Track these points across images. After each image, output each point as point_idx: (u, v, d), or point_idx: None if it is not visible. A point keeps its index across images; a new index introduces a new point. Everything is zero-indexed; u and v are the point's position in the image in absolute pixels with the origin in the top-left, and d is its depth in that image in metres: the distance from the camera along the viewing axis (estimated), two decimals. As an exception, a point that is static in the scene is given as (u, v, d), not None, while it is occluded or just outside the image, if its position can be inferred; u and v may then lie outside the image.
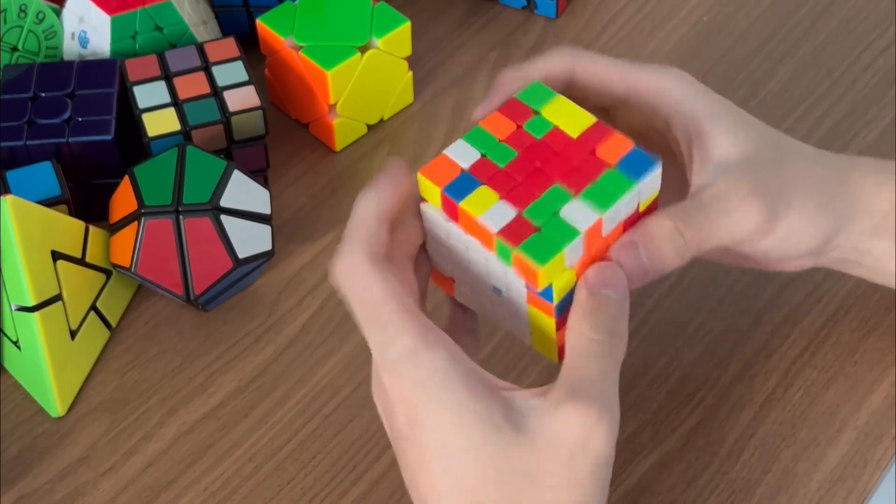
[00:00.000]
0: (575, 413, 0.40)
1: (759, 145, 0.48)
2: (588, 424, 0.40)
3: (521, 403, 0.41)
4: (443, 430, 0.41)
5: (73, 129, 0.60)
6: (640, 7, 0.76)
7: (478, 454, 0.40)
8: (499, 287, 0.45)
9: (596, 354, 0.42)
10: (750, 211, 0.47)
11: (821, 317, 0.58)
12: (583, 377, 0.41)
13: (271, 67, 0.68)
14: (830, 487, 0.52)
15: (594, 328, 0.42)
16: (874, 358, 0.56)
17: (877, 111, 0.68)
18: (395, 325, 0.42)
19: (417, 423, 0.41)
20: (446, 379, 0.41)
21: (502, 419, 0.40)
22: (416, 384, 0.41)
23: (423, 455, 0.42)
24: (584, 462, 0.40)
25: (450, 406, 0.41)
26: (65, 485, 0.53)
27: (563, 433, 0.40)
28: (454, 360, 0.41)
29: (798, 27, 0.74)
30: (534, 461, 0.40)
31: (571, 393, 0.41)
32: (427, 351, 0.41)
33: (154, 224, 0.57)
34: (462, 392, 0.41)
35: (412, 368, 0.41)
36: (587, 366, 0.42)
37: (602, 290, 0.43)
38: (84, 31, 0.66)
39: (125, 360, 0.58)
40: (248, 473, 0.54)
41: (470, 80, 0.71)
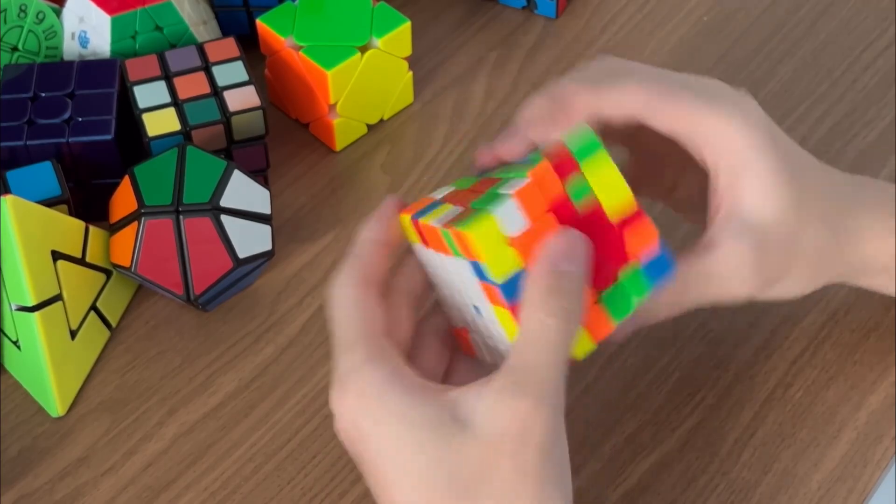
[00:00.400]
0: (512, 402, 0.40)
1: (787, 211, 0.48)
2: (524, 413, 0.40)
3: (467, 400, 0.41)
4: (389, 438, 0.41)
5: (74, 129, 0.60)
6: (640, 7, 0.76)
7: (427, 456, 0.41)
8: (475, 304, 0.45)
9: (544, 339, 0.41)
10: (745, 285, 0.48)
11: (821, 317, 0.58)
12: (525, 363, 0.41)
13: (271, 67, 0.68)
14: (830, 487, 0.52)
15: (550, 312, 0.41)
16: (874, 358, 0.56)
17: (877, 111, 0.68)
18: (350, 343, 0.43)
19: (364, 435, 0.42)
20: (388, 389, 0.42)
21: (448, 419, 0.41)
22: (359, 396, 0.42)
23: (375, 466, 0.42)
24: (528, 453, 0.40)
25: (393, 414, 0.41)
26: (65, 485, 0.53)
27: (503, 425, 0.40)
28: (396, 372, 0.42)
29: (798, 27, 0.74)
30: (481, 456, 0.40)
31: (511, 383, 0.41)
32: (370, 364, 0.42)
33: (154, 224, 0.57)
34: (404, 399, 0.41)
35: (356, 382, 0.42)
36: (531, 351, 0.41)
37: (562, 264, 0.41)
38: (84, 31, 0.66)
39: (125, 360, 0.58)
40: (249, 473, 0.54)
41: (470, 80, 0.71)
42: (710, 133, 0.47)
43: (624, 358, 0.57)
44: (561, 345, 0.41)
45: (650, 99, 0.47)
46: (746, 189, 0.47)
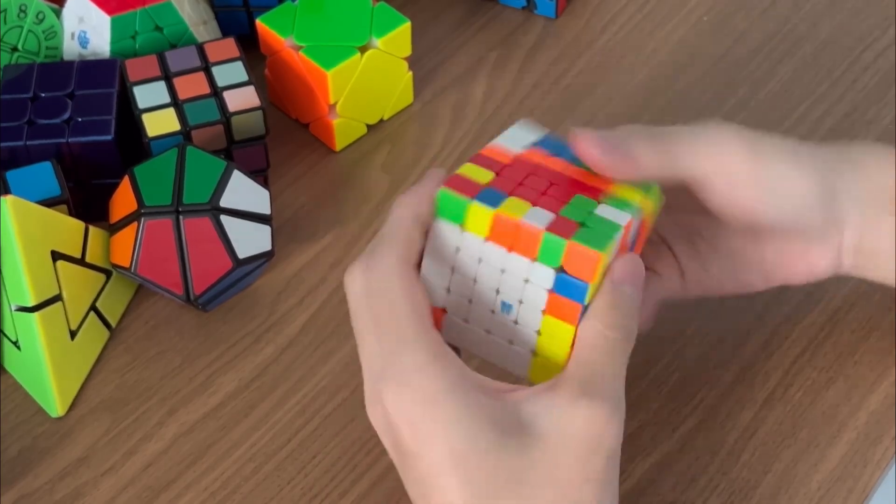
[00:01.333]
0: (589, 410, 0.41)
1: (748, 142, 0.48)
2: (601, 421, 0.41)
3: (530, 405, 0.41)
4: (454, 441, 0.40)
5: (73, 130, 0.60)
6: (640, 7, 0.76)
7: (491, 460, 0.40)
8: (509, 302, 0.45)
9: (609, 351, 0.42)
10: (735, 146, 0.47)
11: (821, 317, 0.58)
12: (595, 373, 0.42)
13: (271, 67, 0.68)
14: (830, 487, 0.52)
15: (612, 325, 0.43)
16: (874, 358, 0.56)
17: (877, 111, 0.68)
18: (411, 337, 0.42)
19: (426, 437, 0.41)
20: (455, 391, 0.41)
21: (513, 423, 0.41)
22: (425, 398, 0.41)
23: (434, 468, 0.41)
24: (599, 457, 0.41)
25: (460, 417, 0.40)
26: (65, 485, 0.53)
27: (576, 430, 0.40)
28: (462, 374, 0.42)
29: (798, 27, 0.74)
30: (548, 460, 0.40)
31: (584, 390, 0.41)
32: (437, 364, 0.41)
33: (154, 224, 0.57)
34: (471, 402, 0.41)
35: (422, 382, 0.41)
36: (599, 361, 0.42)
37: (623, 284, 0.43)
38: (84, 31, 0.66)
39: (125, 360, 0.58)
40: (248, 473, 0.54)
41: (470, 81, 0.71)
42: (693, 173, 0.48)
43: (624, 358, 0.57)
44: (622, 359, 0.43)
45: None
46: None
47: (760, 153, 0.48)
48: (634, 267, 0.44)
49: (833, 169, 0.50)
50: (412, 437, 0.41)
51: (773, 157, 0.48)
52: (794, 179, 0.48)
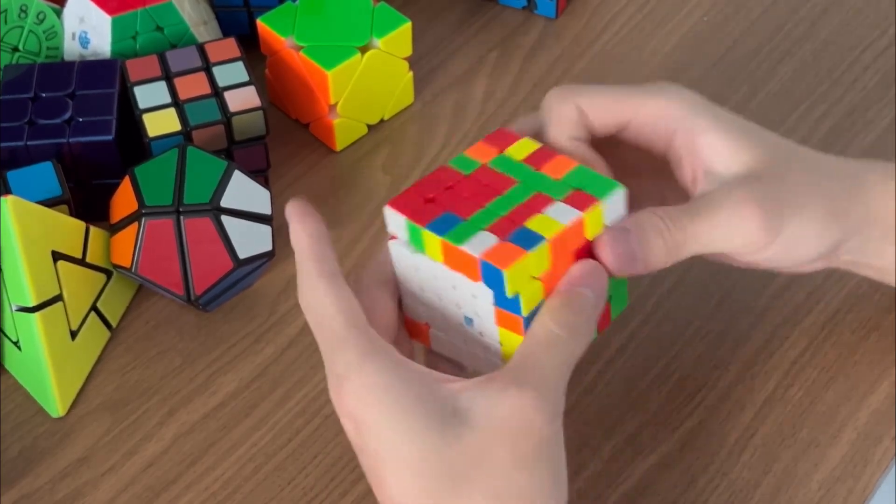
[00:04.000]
0: (517, 398, 0.41)
1: (764, 155, 0.48)
2: (529, 408, 0.41)
3: (467, 395, 0.42)
4: (388, 434, 0.42)
5: (74, 130, 0.60)
6: (640, 7, 0.76)
7: (425, 451, 0.41)
8: (469, 316, 0.46)
9: (551, 345, 0.43)
10: (746, 219, 0.47)
11: (821, 317, 0.58)
12: (530, 364, 0.42)
13: (272, 67, 0.68)
14: (831, 488, 0.52)
15: (558, 322, 0.43)
16: (874, 358, 0.56)
17: (877, 111, 0.68)
18: (341, 339, 0.43)
19: (365, 431, 0.42)
20: (388, 385, 0.42)
21: (448, 413, 0.41)
22: (360, 394, 0.42)
23: (375, 462, 0.43)
24: (526, 443, 0.41)
25: (394, 410, 0.41)
26: (65, 485, 0.53)
27: (503, 417, 0.41)
28: (395, 366, 0.42)
29: (798, 27, 0.74)
30: (480, 447, 0.41)
31: (515, 379, 0.42)
32: (369, 361, 0.42)
33: (154, 224, 0.57)
34: (404, 394, 0.42)
35: (356, 379, 0.42)
36: (537, 353, 0.43)
37: (580, 285, 0.44)
38: (85, 31, 0.66)
39: (125, 360, 0.58)
40: (249, 474, 0.54)
41: (470, 81, 0.71)
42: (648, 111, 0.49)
43: (624, 359, 0.57)
44: (565, 355, 0.43)
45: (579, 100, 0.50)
46: (707, 151, 0.48)
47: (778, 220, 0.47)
48: (592, 270, 0.45)
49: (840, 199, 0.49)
50: (355, 432, 0.43)
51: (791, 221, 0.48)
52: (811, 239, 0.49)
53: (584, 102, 0.50)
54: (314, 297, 0.44)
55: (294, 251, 0.46)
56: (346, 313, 0.44)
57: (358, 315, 0.44)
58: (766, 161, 0.48)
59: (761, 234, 0.47)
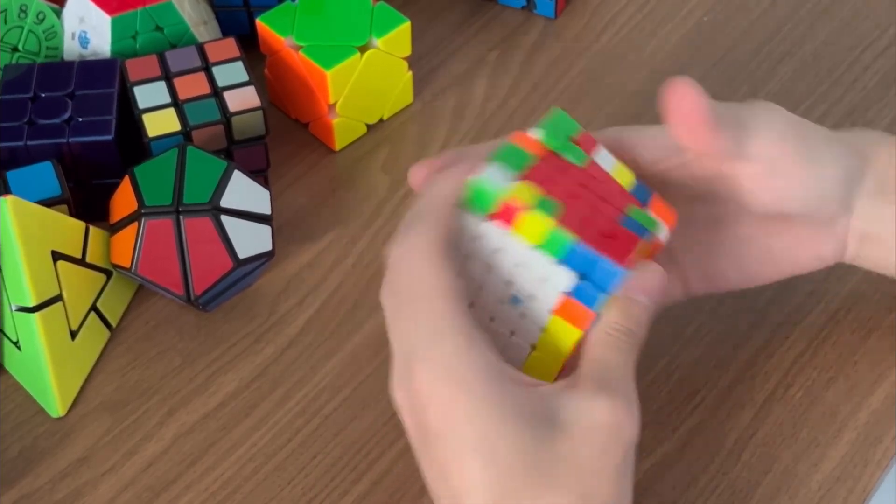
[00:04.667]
0: (609, 402, 0.42)
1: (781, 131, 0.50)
2: (621, 413, 0.42)
3: (553, 398, 0.43)
4: (482, 424, 0.41)
5: (74, 130, 0.60)
6: (640, 7, 0.76)
7: (516, 447, 0.41)
8: (520, 297, 0.45)
9: (618, 348, 0.44)
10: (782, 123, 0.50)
11: (821, 317, 0.58)
12: (609, 370, 0.43)
13: (271, 67, 0.68)
14: (831, 488, 0.52)
15: (623, 330, 0.44)
16: (874, 358, 0.56)
17: (877, 111, 0.68)
18: (449, 321, 0.42)
19: (455, 418, 0.42)
20: (489, 378, 0.42)
21: (539, 413, 0.42)
22: (459, 381, 0.42)
23: (458, 450, 0.42)
24: (618, 448, 0.42)
25: (491, 403, 0.41)
26: (65, 485, 0.53)
27: (598, 422, 0.42)
28: (496, 362, 0.43)
29: (798, 27, 0.74)
30: (570, 450, 0.41)
31: (601, 385, 0.43)
32: (473, 350, 0.42)
33: (154, 224, 0.57)
34: (503, 390, 0.42)
35: (458, 366, 0.42)
36: (613, 360, 0.44)
37: (640, 294, 0.45)
38: (84, 31, 0.66)
39: (125, 360, 0.58)
40: (249, 473, 0.54)
41: (470, 81, 0.71)
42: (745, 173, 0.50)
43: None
44: (632, 361, 0.44)
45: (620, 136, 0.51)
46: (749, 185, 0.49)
47: (807, 138, 0.49)
48: (655, 277, 0.46)
49: (851, 155, 0.51)
50: (441, 417, 0.42)
51: (817, 142, 0.50)
52: (830, 167, 0.50)
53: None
54: (424, 264, 0.43)
55: (426, 191, 0.45)
56: (456, 295, 0.43)
57: (464, 301, 0.43)
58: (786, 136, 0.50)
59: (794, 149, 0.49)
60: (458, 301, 0.43)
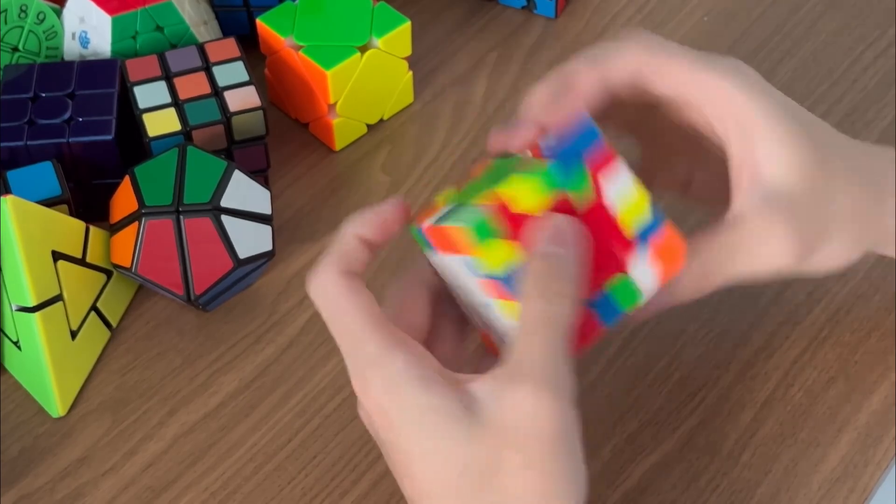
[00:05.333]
0: (515, 394, 0.40)
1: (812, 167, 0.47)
2: (528, 403, 0.40)
3: (479, 392, 0.41)
4: (412, 430, 0.41)
5: (74, 130, 0.60)
6: (640, 7, 0.76)
7: (445, 449, 0.41)
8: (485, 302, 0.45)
9: (539, 323, 0.41)
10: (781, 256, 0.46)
11: (821, 317, 0.58)
12: (523, 352, 0.41)
13: (271, 67, 0.68)
14: (831, 488, 0.52)
15: (541, 295, 0.41)
16: (874, 358, 0.56)
17: (877, 111, 0.68)
18: (360, 334, 0.43)
19: (392, 426, 0.42)
20: (407, 381, 0.41)
21: (462, 411, 0.41)
22: (383, 389, 0.42)
23: (404, 457, 0.43)
24: (537, 440, 0.40)
25: (413, 406, 0.41)
26: (65, 485, 0.53)
27: (510, 416, 0.40)
28: (413, 362, 0.42)
29: (798, 27, 0.74)
30: (493, 447, 0.40)
31: (512, 373, 0.41)
32: (388, 356, 0.42)
33: (154, 224, 0.57)
34: (422, 390, 0.41)
35: (377, 374, 0.42)
36: (528, 337, 0.41)
37: (548, 247, 0.42)
38: (85, 31, 0.66)
39: (126, 360, 0.58)
40: (249, 473, 0.54)
41: (470, 81, 0.71)
42: (711, 92, 0.48)
43: (624, 358, 0.57)
44: (555, 327, 0.41)
45: (649, 59, 0.48)
46: (762, 154, 0.47)
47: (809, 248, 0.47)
48: (556, 226, 0.42)
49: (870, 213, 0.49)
50: (384, 425, 0.43)
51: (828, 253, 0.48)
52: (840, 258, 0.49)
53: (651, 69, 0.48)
54: (330, 295, 0.44)
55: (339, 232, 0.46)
56: (366, 308, 0.43)
57: (376, 312, 0.43)
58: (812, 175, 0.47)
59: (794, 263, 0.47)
60: (365, 315, 0.43)
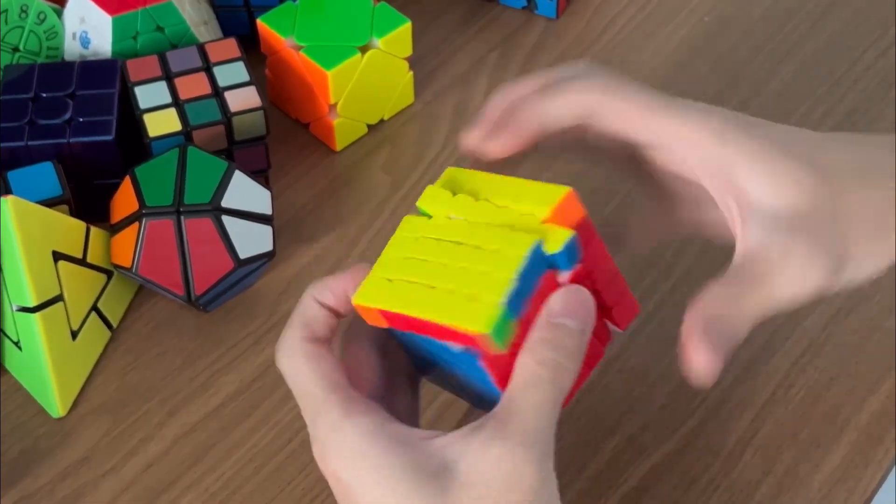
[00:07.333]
0: (501, 450, 0.40)
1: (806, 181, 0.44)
2: (516, 460, 0.40)
3: (452, 449, 0.41)
4: (373, 492, 0.40)
5: (74, 130, 0.60)
6: (640, 7, 0.76)
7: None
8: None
9: (535, 386, 0.41)
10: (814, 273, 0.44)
11: (822, 317, 0.58)
12: (514, 411, 0.41)
13: (272, 67, 0.68)
14: (832, 488, 0.52)
15: (541, 361, 0.41)
16: (875, 359, 0.56)
17: (878, 111, 0.68)
18: (321, 403, 0.42)
19: (349, 492, 0.41)
20: (370, 445, 0.41)
21: (434, 467, 0.40)
22: (341, 454, 0.41)
23: None
24: (517, 494, 0.40)
25: (375, 468, 0.40)
26: (66, 485, 0.53)
27: (490, 471, 0.40)
28: (377, 426, 0.41)
29: (799, 27, 0.74)
30: (470, 501, 0.40)
31: (498, 429, 0.40)
32: (349, 423, 0.41)
33: (155, 224, 0.57)
34: (386, 454, 0.40)
35: (337, 440, 0.41)
36: (523, 398, 0.41)
37: (561, 318, 0.41)
38: (85, 31, 0.66)
39: (126, 360, 0.58)
40: (249, 474, 0.54)
41: (471, 81, 0.71)
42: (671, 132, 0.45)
43: (625, 359, 0.57)
44: (550, 395, 0.41)
45: (602, 100, 0.46)
46: (743, 182, 0.44)
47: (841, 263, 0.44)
48: (578, 300, 0.42)
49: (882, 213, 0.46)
50: (341, 492, 0.42)
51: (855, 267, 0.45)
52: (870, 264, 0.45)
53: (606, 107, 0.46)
54: (292, 362, 0.44)
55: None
56: (328, 374, 0.43)
57: (338, 379, 0.43)
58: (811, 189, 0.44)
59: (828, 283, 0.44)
60: (325, 383, 0.43)
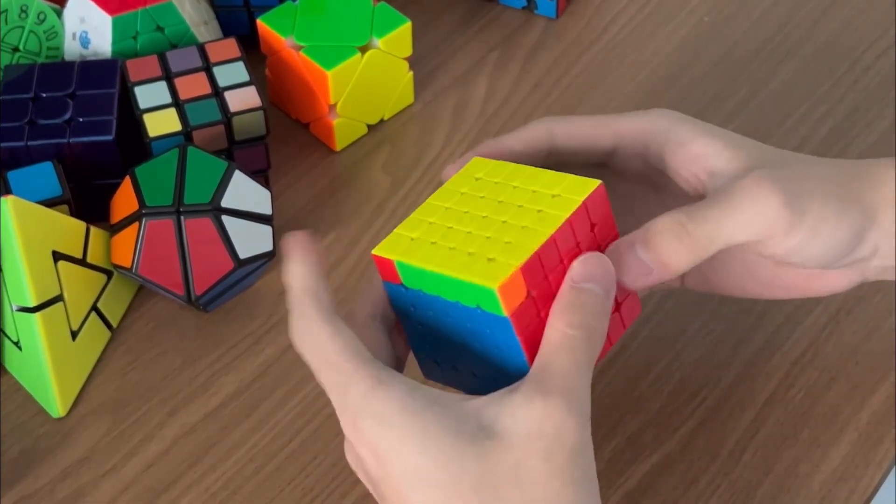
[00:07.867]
0: (544, 406, 0.40)
1: (763, 153, 0.48)
2: (558, 416, 0.40)
3: (490, 409, 0.41)
4: (411, 457, 0.41)
5: (74, 130, 0.60)
6: (640, 7, 0.76)
7: (452, 469, 0.40)
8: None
9: (568, 348, 0.42)
10: (767, 200, 0.45)
11: (822, 317, 0.58)
12: (551, 370, 0.42)
13: (272, 67, 0.68)
14: (832, 488, 0.52)
15: (570, 324, 0.42)
16: (875, 359, 0.56)
17: (878, 111, 0.68)
18: (350, 373, 0.42)
19: (385, 458, 0.41)
20: (406, 407, 0.41)
21: (474, 428, 0.41)
22: (377, 421, 0.41)
23: (399, 487, 0.41)
24: (561, 454, 0.40)
25: (415, 432, 0.41)
26: (66, 486, 0.53)
27: (534, 428, 0.40)
28: (412, 389, 0.42)
29: (799, 28, 0.74)
30: (512, 459, 0.40)
31: (539, 387, 0.41)
32: (382, 388, 0.41)
33: (155, 224, 0.57)
34: (425, 415, 0.41)
35: (372, 407, 0.41)
36: (558, 360, 0.42)
37: (584, 282, 0.43)
38: (85, 31, 0.66)
39: (126, 360, 0.58)
40: (249, 474, 0.54)
41: (471, 81, 0.71)
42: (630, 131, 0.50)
43: (625, 358, 0.57)
44: (584, 356, 0.42)
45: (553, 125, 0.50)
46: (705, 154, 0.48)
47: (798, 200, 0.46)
48: (598, 264, 0.44)
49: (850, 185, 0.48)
50: (375, 462, 0.42)
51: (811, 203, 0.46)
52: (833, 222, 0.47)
53: (562, 130, 0.50)
54: (315, 339, 0.43)
55: (288, 287, 0.45)
56: (349, 348, 0.43)
57: (363, 350, 0.43)
58: (765, 158, 0.48)
59: (785, 214, 0.46)
60: (351, 353, 0.42)
